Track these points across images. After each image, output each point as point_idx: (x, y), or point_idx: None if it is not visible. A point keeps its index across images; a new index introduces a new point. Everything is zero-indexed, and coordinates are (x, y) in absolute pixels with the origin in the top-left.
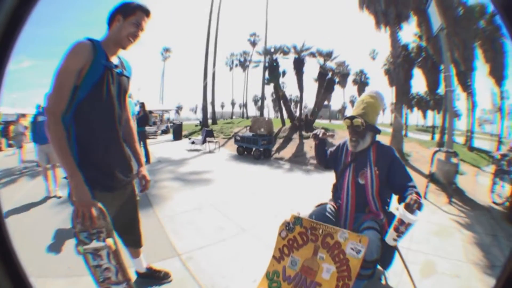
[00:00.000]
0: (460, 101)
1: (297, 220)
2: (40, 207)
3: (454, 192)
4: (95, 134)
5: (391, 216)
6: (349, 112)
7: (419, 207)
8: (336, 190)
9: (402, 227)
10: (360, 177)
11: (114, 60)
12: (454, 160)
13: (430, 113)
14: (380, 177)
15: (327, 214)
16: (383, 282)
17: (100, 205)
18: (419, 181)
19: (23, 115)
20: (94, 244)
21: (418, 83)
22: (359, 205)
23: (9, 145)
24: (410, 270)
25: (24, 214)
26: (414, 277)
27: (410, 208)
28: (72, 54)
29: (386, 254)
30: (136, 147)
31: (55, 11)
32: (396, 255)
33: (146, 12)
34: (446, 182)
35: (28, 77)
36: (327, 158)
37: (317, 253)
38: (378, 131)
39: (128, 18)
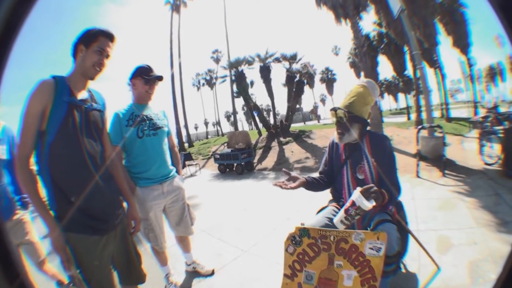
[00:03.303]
0: (429, 77)
1: (303, 231)
2: None
3: (445, 164)
4: (69, 177)
5: (399, 205)
6: (322, 110)
7: (376, 198)
8: (336, 190)
9: (352, 210)
10: (358, 172)
11: (83, 94)
12: (438, 133)
13: (400, 95)
14: (379, 168)
15: (332, 217)
16: (403, 270)
17: (68, 251)
18: (409, 162)
19: None
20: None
21: (383, 70)
22: None
23: None
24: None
25: None
26: (433, 256)
27: (367, 193)
28: (32, 96)
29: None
30: (121, 185)
31: (20, 53)
32: (410, 240)
33: (109, 37)
34: (435, 156)
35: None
36: (325, 181)
37: (333, 261)
38: (366, 123)
39: (91, 46)
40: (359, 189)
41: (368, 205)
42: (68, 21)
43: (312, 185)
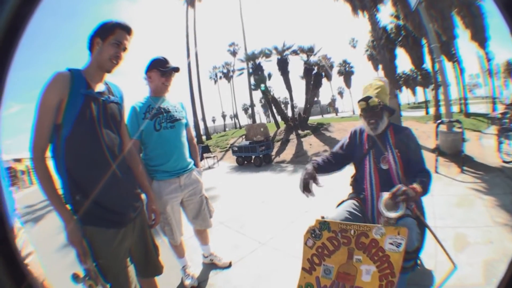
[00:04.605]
0: (447, 71)
1: (323, 225)
2: None
3: (464, 160)
4: (87, 170)
5: (418, 200)
6: (339, 103)
7: (407, 201)
8: (357, 182)
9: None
10: (382, 162)
11: (100, 87)
12: (457, 129)
13: (418, 89)
14: (403, 159)
15: (353, 211)
16: (419, 267)
17: (85, 244)
18: (427, 157)
19: (19, 160)
20: (87, 281)
21: (401, 63)
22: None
23: None
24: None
25: None
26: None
27: (395, 199)
28: (47, 89)
29: None
30: (140, 178)
31: (33, 52)
32: (427, 236)
33: (126, 30)
34: (454, 152)
35: (18, 122)
36: (334, 161)
37: (353, 256)
38: (393, 111)
39: (107, 39)
40: (386, 196)
41: (391, 215)
42: (80, 19)
43: (320, 169)
